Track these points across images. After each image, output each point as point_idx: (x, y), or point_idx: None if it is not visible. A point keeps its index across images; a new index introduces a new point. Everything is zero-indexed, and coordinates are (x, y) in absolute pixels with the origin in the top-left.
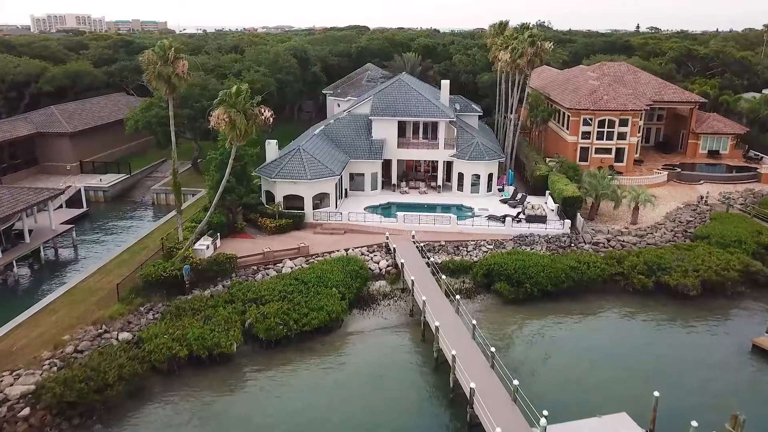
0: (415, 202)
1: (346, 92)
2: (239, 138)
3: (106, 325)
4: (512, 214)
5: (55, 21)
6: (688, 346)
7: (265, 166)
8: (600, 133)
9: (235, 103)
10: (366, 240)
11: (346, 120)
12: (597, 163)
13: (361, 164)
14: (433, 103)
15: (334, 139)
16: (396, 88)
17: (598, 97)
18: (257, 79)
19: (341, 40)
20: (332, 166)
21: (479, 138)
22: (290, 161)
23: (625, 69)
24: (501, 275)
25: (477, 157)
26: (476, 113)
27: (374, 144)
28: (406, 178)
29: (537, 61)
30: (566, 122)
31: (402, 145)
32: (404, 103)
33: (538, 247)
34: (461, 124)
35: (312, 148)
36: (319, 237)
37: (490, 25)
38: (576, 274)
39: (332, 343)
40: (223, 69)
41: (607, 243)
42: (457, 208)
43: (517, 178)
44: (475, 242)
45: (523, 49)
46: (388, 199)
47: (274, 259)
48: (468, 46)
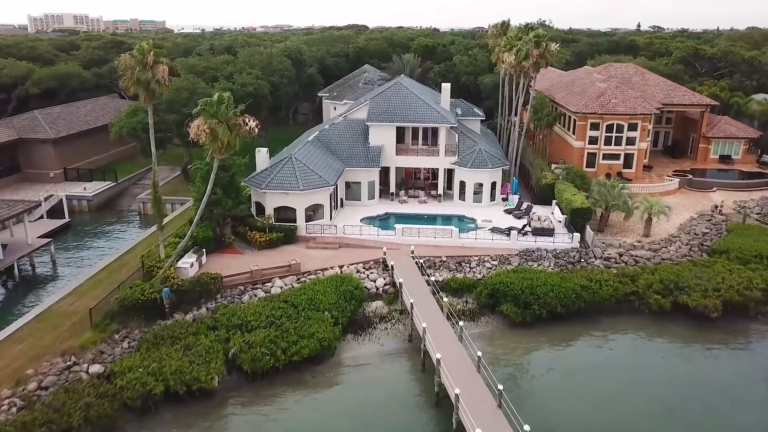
0: (415, 212)
1: (342, 95)
2: (221, 151)
3: (75, 356)
4: (517, 226)
5: (53, 20)
6: (710, 373)
7: (254, 176)
8: (608, 138)
9: (217, 113)
10: (362, 255)
11: (341, 125)
12: (605, 169)
13: (357, 173)
14: (433, 108)
15: (329, 146)
16: (394, 91)
17: (605, 101)
18: (249, 81)
19: (339, 40)
20: (326, 175)
21: (482, 144)
22: (281, 171)
23: (633, 70)
24: (507, 296)
25: (480, 164)
26: (478, 117)
27: (371, 151)
28: (405, 186)
29: (543, 63)
30: (572, 126)
31: (400, 151)
32: (403, 108)
33: (545, 263)
34: (463, 130)
35: (305, 157)
36: (312, 252)
37: (492, 26)
38: (587, 294)
39: (324, 374)
40: (214, 71)
41: (619, 258)
42: (459, 220)
43: (522, 185)
44: (479, 258)
45: (528, 50)
46: (386, 209)
47: (263, 278)
48: (469, 46)
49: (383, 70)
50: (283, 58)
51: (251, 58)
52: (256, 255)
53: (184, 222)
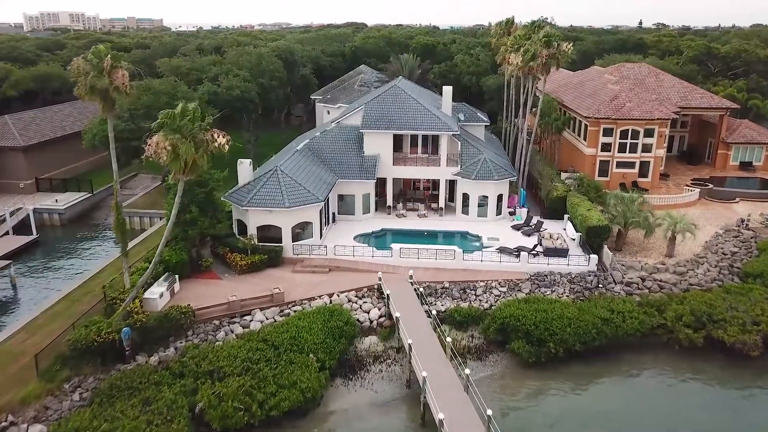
0: (414, 228)
1: (336, 98)
2: (185, 171)
3: (13, 413)
4: (527, 246)
5: (49, 19)
6: (750, 421)
7: (235, 191)
8: (622, 144)
9: (180, 127)
10: (355, 280)
11: (333, 133)
12: (619, 178)
13: (351, 185)
14: (433, 114)
15: (320, 155)
16: (391, 95)
17: (620, 104)
18: (236, 84)
19: (334, 39)
20: (316, 189)
21: (487, 153)
22: (265, 185)
23: (647, 71)
24: (518, 331)
25: (485, 176)
26: (482, 123)
27: (366, 161)
28: (404, 198)
29: (553, 63)
30: (583, 132)
31: (398, 161)
32: (400, 114)
33: (559, 289)
34: (466, 137)
35: (292, 169)
36: (299, 277)
37: (496, 24)
38: (609, 329)
39: (307, 430)
40: (199, 73)
41: (642, 283)
42: (462, 237)
43: (530, 197)
44: (485, 283)
45: (537, 50)
46: (383, 225)
47: (242, 310)
48: (470, 45)
49: (380, 71)
50: (274, 59)
51: (239, 58)
52: (237, 280)
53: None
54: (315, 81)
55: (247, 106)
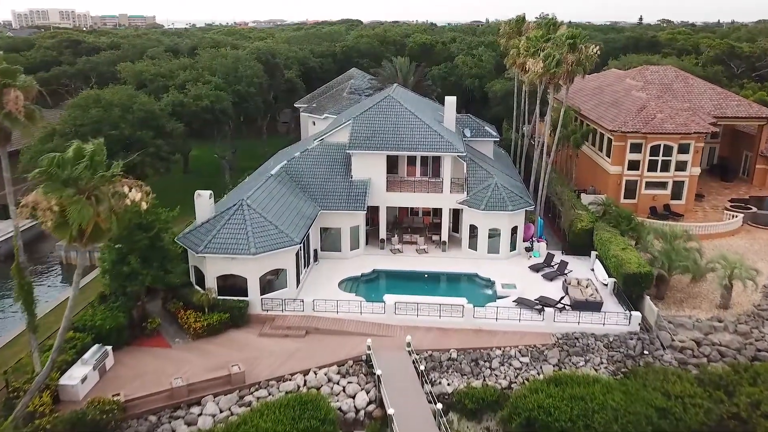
0: (411, 269)
1: (323, 107)
2: (83, 241)
3: None
4: (551, 296)
5: (38, 16)
6: None
7: (191, 233)
8: (652, 162)
9: (73, 179)
10: (338, 348)
11: (316, 153)
12: (648, 201)
13: (336, 216)
14: (434, 131)
15: (299, 180)
16: (384, 108)
17: (649, 115)
18: (205, 93)
19: (325, 38)
20: (292, 227)
21: (498, 176)
22: (227, 225)
23: (673, 75)
24: (550, 430)
25: (497, 206)
26: (491, 138)
27: (354, 187)
28: (400, 228)
29: (580, 71)
30: (606, 147)
31: (393, 186)
32: (395, 131)
33: (595, 358)
34: (472, 155)
35: (262, 201)
36: (268, 343)
37: (505, 22)
38: (668, 424)
39: None
40: (165, 79)
41: (697, 349)
42: (470, 280)
43: (547, 224)
44: (502, 351)
45: (562, 55)
46: (375, 264)
47: (189, 398)
48: (472, 44)
49: (373, 75)
50: (252, 63)
51: (212, 62)
52: (189, 348)
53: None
54: (302, 85)
55: (219, 117)
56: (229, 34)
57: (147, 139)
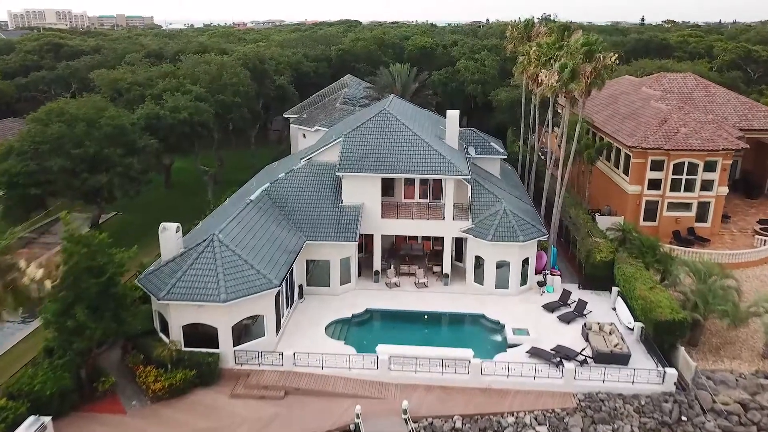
0: (409, 309)
1: (313, 118)
2: None
3: None
4: (570, 346)
5: (34, 17)
6: None
7: (154, 273)
8: (675, 181)
9: None
10: (322, 416)
11: (302, 173)
12: (671, 224)
13: (324, 248)
14: (435, 151)
15: (282, 205)
16: (379, 124)
17: (672, 130)
18: (183, 105)
19: (320, 41)
20: (271, 266)
21: (506, 200)
22: (195, 265)
23: (693, 83)
24: None
25: (506, 236)
26: (498, 156)
27: (345, 214)
28: (396, 258)
29: (598, 83)
30: (624, 163)
31: (389, 212)
32: (391, 150)
33: (625, 426)
34: (478, 175)
35: (237, 234)
36: (240, 408)
37: (511, 26)
38: None
39: None
40: (142, 89)
41: (744, 414)
42: (476, 322)
43: (560, 251)
44: (516, 417)
45: (577, 66)
46: (367, 302)
47: None
48: (474, 48)
49: (370, 82)
50: (239, 69)
51: (194, 69)
52: (146, 415)
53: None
54: (294, 92)
55: (198, 131)
56: (224, 35)
57: (115, 157)
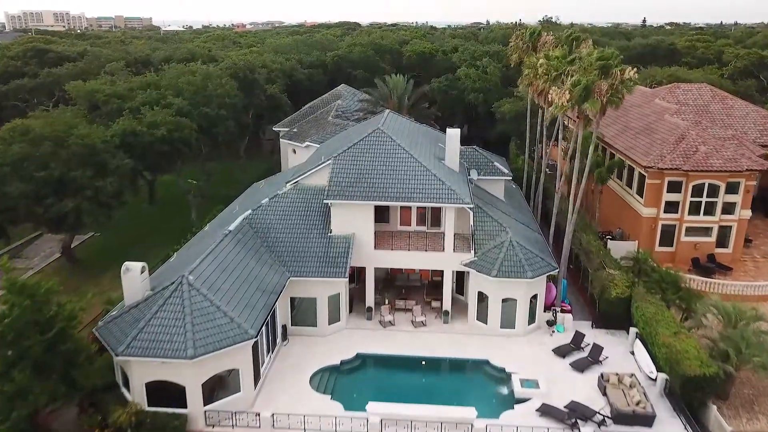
0: (405, 353)
1: (304, 133)
2: None
3: None
4: (586, 405)
5: (32, 18)
6: None
7: (114, 321)
8: (694, 204)
9: None
10: None
11: (288, 199)
12: (689, 250)
13: (310, 285)
14: (433, 176)
15: (265, 236)
16: (372, 145)
17: (690, 148)
18: (162, 120)
19: (316, 46)
20: (248, 311)
21: (512, 229)
22: (160, 314)
23: (710, 95)
24: None
25: (512, 271)
26: (502, 177)
27: (334, 245)
28: (392, 288)
29: (616, 101)
30: (638, 184)
31: (382, 242)
32: (385, 174)
33: None
34: (481, 197)
35: (211, 274)
36: None
37: (516, 34)
38: None
39: None
40: (120, 101)
41: None
42: (479, 370)
43: (570, 281)
44: None
45: (592, 83)
46: (358, 345)
47: None
48: (476, 54)
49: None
50: (226, 80)
51: (177, 80)
52: None
53: None
54: (286, 101)
55: (179, 148)
56: (219, 39)
57: (84, 179)
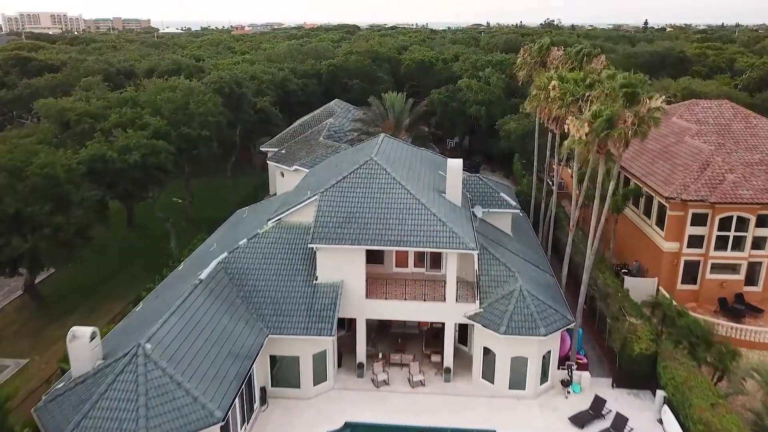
0: (400, 424)
1: (293, 154)
2: None
3: None
4: None
5: (29, 20)
6: None
7: (56, 401)
8: (721, 238)
9: None
10: None
11: (268, 239)
12: (714, 288)
13: (292, 343)
14: (433, 216)
15: (242, 283)
16: (364, 178)
17: (716, 176)
18: (135, 144)
19: (311, 54)
20: (216, 384)
21: (522, 278)
22: (110, 393)
23: (731, 113)
24: None
25: (523, 328)
26: (510, 210)
27: (319, 295)
28: (386, 336)
29: (643, 132)
30: (657, 214)
31: (375, 290)
32: (378, 214)
33: None
34: (486, 233)
35: (173, 340)
36: None
37: (524, 48)
38: None
39: None
40: (93, 121)
41: None
42: None
43: (585, 325)
44: None
45: (616, 113)
46: (347, 411)
47: None
48: (478, 64)
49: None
50: (209, 96)
51: (157, 96)
52: None
53: None
54: (277, 114)
55: (154, 175)
56: (215, 44)
57: (42, 216)
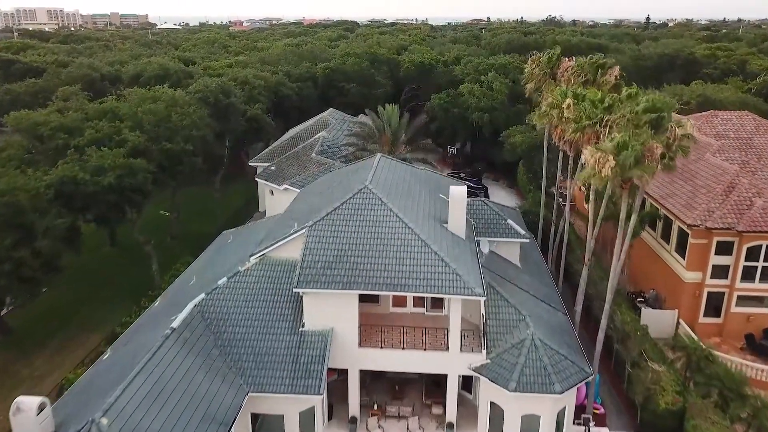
0: None
1: (283, 171)
2: None
3: None
4: None
5: (25, 16)
6: None
7: None
8: (749, 269)
9: None
10: None
11: (250, 279)
12: (741, 323)
13: (275, 401)
14: (434, 254)
15: (220, 330)
16: (357, 210)
17: (743, 200)
18: (111, 164)
19: (306, 57)
20: None
21: (535, 324)
22: None
23: (752, 125)
24: None
25: (535, 384)
26: (518, 240)
27: (307, 344)
28: (381, 382)
29: (670, 162)
30: (677, 241)
31: (369, 337)
32: (373, 252)
33: None
34: (493, 268)
35: (135, 407)
36: None
37: (532, 58)
38: None
39: None
40: (68, 136)
41: None
42: None
43: (602, 370)
44: None
45: (645, 144)
46: None
47: None
48: (481, 67)
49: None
50: (194, 108)
51: (138, 108)
52: None
53: None
54: (270, 122)
55: (130, 198)
56: (210, 42)
57: (2, 250)
